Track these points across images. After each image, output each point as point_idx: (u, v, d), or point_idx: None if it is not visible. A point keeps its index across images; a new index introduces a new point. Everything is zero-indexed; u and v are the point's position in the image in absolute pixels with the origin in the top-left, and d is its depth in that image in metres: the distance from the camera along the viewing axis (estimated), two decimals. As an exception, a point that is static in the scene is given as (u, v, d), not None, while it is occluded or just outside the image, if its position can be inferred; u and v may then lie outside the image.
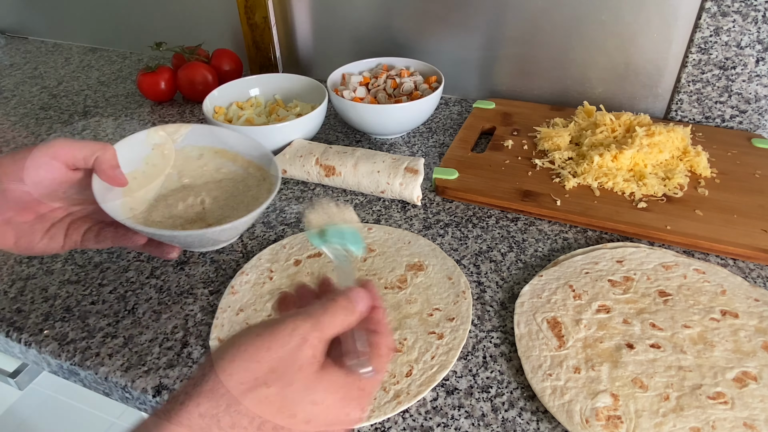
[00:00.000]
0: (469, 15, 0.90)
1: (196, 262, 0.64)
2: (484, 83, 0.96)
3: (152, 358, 0.53)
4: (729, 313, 0.53)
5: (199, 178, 0.64)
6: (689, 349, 0.49)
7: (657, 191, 0.68)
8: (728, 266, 0.60)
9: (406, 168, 0.70)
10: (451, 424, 0.46)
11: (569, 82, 0.90)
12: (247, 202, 0.61)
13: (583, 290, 0.56)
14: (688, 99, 0.83)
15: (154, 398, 0.50)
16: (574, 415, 0.44)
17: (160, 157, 0.61)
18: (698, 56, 0.79)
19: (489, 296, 0.58)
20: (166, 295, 0.60)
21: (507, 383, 0.49)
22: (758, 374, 0.47)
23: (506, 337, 0.53)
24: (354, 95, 0.85)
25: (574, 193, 0.70)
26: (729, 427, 0.43)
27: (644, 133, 0.72)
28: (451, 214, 0.69)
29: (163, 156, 0.61)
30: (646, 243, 0.63)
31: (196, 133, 0.63)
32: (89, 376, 0.53)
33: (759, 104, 0.80)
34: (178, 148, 0.62)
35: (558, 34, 0.86)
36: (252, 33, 1.03)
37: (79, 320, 0.57)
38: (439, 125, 0.90)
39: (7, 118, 0.98)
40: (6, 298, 0.60)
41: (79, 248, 0.53)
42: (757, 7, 0.73)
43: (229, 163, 0.64)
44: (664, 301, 0.54)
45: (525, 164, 0.76)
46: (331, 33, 1.02)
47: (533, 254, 0.63)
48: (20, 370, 0.68)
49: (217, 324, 0.55)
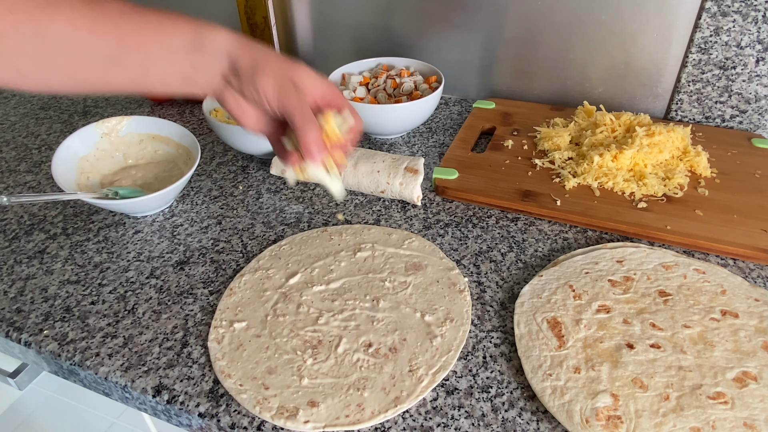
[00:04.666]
0: (469, 15, 0.90)
1: (196, 262, 0.64)
2: (484, 83, 0.96)
3: (152, 358, 0.53)
4: (729, 313, 0.53)
5: (141, 159, 0.79)
6: (689, 349, 0.49)
7: (657, 191, 0.68)
8: (728, 266, 0.60)
9: (406, 168, 0.70)
10: (451, 424, 0.46)
11: (569, 82, 0.90)
12: (177, 176, 0.74)
13: (583, 290, 0.56)
14: (688, 99, 0.83)
15: (154, 398, 0.50)
16: (574, 415, 0.44)
17: (108, 143, 0.77)
18: (698, 56, 0.79)
19: (489, 296, 0.58)
20: (166, 295, 0.60)
21: (507, 383, 0.49)
22: (758, 374, 0.47)
23: (506, 337, 0.53)
24: (354, 95, 0.85)
25: (574, 193, 0.70)
26: (729, 427, 0.43)
27: (644, 133, 0.72)
28: (451, 214, 0.69)
29: (110, 142, 0.77)
30: (646, 243, 0.63)
31: (137, 123, 0.78)
32: (89, 376, 0.53)
33: (759, 104, 0.80)
34: (123, 135, 0.78)
35: (558, 34, 0.86)
36: (252, 33, 1.03)
37: (79, 320, 0.57)
38: (439, 125, 0.90)
39: (7, 118, 0.98)
40: (6, 298, 0.60)
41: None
42: (757, 7, 0.73)
43: (164, 146, 0.79)
44: (664, 301, 0.54)
45: (525, 164, 0.76)
46: (331, 33, 1.02)
47: (533, 254, 0.63)
48: (20, 370, 0.68)
49: (217, 324, 0.55)
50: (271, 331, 0.54)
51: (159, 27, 0.46)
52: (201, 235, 0.68)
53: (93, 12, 0.44)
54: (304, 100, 0.49)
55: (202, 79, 0.49)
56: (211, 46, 0.48)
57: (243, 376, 0.49)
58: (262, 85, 0.48)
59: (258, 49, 0.49)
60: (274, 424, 0.46)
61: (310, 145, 0.48)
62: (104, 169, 0.77)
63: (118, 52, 0.45)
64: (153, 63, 0.47)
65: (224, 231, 0.69)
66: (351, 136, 0.53)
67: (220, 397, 0.49)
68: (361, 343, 0.52)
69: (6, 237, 0.69)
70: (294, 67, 0.50)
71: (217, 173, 0.80)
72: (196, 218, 0.71)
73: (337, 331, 0.53)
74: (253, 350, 0.52)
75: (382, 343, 0.52)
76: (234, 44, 0.48)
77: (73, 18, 0.43)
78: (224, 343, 0.53)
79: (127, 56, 0.46)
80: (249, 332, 0.54)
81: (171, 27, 0.47)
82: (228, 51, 0.48)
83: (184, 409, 0.48)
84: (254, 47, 0.49)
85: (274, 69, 0.48)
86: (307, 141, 0.48)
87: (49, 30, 0.42)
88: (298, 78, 0.49)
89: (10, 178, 0.81)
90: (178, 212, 0.72)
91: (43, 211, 0.74)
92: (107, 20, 0.44)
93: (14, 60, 0.42)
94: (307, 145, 0.48)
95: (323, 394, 0.48)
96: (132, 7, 0.46)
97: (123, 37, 0.45)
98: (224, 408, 0.48)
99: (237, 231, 0.68)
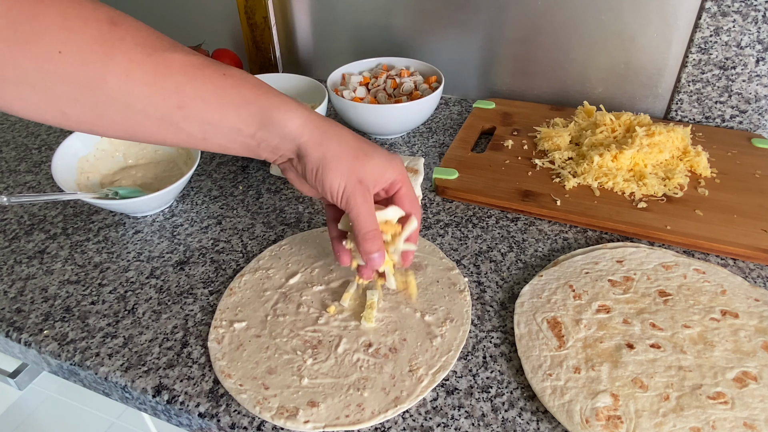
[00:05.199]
0: (469, 15, 0.90)
1: (196, 262, 0.64)
2: (484, 83, 0.96)
3: (152, 358, 0.53)
4: (729, 313, 0.53)
5: (141, 159, 0.79)
6: (689, 349, 0.49)
7: (657, 191, 0.68)
8: (728, 266, 0.60)
9: (406, 168, 0.70)
10: (451, 424, 0.46)
11: (569, 82, 0.90)
12: (177, 176, 0.75)
13: (583, 290, 0.56)
14: (688, 99, 0.83)
15: (154, 398, 0.50)
16: (574, 415, 0.44)
17: (108, 143, 0.78)
18: (698, 56, 0.79)
19: (489, 296, 0.58)
20: (166, 295, 0.60)
21: (507, 383, 0.49)
22: (758, 374, 0.47)
23: (506, 337, 0.53)
24: (354, 95, 0.85)
25: (574, 193, 0.70)
26: (729, 427, 0.43)
27: (644, 133, 0.72)
28: (451, 214, 0.69)
29: (110, 142, 0.78)
30: (646, 243, 0.63)
31: None
32: (89, 376, 0.53)
33: (759, 104, 0.80)
34: None
35: (558, 34, 0.86)
36: (252, 33, 1.03)
37: (79, 320, 0.57)
38: (439, 125, 0.90)
39: (7, 118, 0.98)
40: (6, 298, 0.60)
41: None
42: (757, 7, 0.73)
43: (164, 146, 0.77)
44: (664, 301, 0.54)
45: (525, 164, 0.76)
46: (331, 33, 1.02)
47: (533, 254, 0.63)
48: (20, 370, 0.68)
49: (217, 324, 0.55)
50: (271, 331, 0.54)
51: (224, 94, 0.42)
52: (201, 235, 0.68)
53: (152, 64, 0.39)
54: (369, 203, 0.47)
55: (266, 154, 0.47)
56: (279, 128, 0.44)
57: (243, 376, 0.49)
58: (329, 184, 0.46)
59: (328, 140, 0.46)
60: (274, 424, 0.46)
61: (370, 254, 0.48)
62: (104, 169, 0.77)
63: (177, 116, 0.41)
64: (214, 133, 0.43)
65: (224, 231, 0.69)
66: (411, 241, 0.52)
67: (220, 397, 0.49)
68: (361, 343, 0.52)
69: (6, 237, 0.69)
70: (364, 161, 0.47)
71: (217, 173, 0.80)
72: (196, 218, 0.71)
73: (337, 331, 0.53)
74: (253, 350, 0.52)
75: (382, 343, 0.52)
76: (305, 132, 0.45)
77: (130, 69, 0.38)
78: (224, 343, 0.53)
79: (186, 122, 0.42)
80: (249, 332, 0.54)
81: (238, 96, 0.43)
82: (296, 139, 0.45)
83: (184, 409, 0.48)
84: (325, 136, 0.46)
85: (342, 168, 0.46)
86: (367, 250, 0.48)
87: (102, 78, 0.37)
88: (368, 174, 0.47)
89: (10, 178, 0.81)
90: (178, 212, 0.72)
91: (43, 211, 0.74)
92: (168, 76, 0.40)
93: (61, 105, 0.38)
94: (367, 255, 0.48)
95: (323, 394, 0.48)
96: (195, 63, 0.41)
97: (183, 100, 0.41)
98: (224, 408, 0.48)
99: (237, 231, 0.68)
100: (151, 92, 0.39)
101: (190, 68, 0.41)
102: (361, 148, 0.47)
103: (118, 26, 0.38)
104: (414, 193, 0.52)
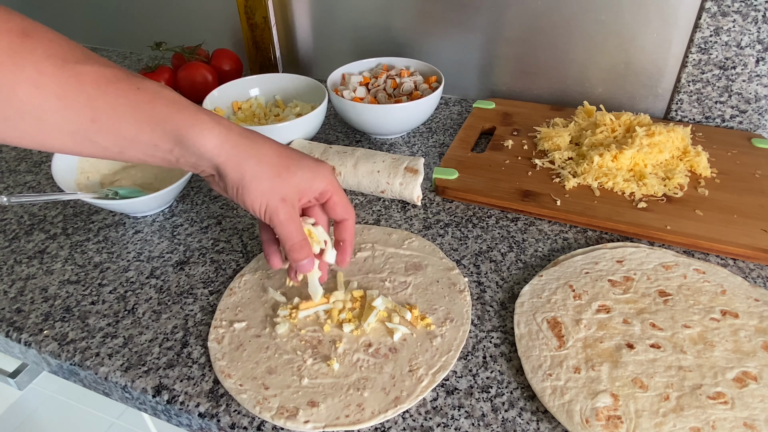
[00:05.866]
0: (469, 15, 0.90)
1: (196, 262, 0.64)
2: (484, 83, 0.96)
3: (152, 358, 0.53)
4: (729, 313, 0.53)
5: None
6: (689, 349, 0.49)
7: (657, 191, 0.68)
8: (728, 266, 0.60)
9: (406, 168, 0.70)
10: (451, 424, 0.46)
11: (569, 82, 0.90)
12: (177, 176, 0.73)
13: (583, 290, 0.56)
14: (688, 99, 0.83)
15: (154, 398, 0.50)
16: (574, 415, 0.44)
17: None
18: (698, 56, 0.79)
19: (489, 296, 0.58)
20: (166, 295, 0.60)
21: (507, 383, 0.49)
22: (758, 374, 0.47)
23: (506, 337, 0.53)
24: (354, 95, 0.85)
25: (574, 193, 0.70)
26: (729, 427, 0.43)
27: (644, 133, 0.72)
28: (451, 214, 0.69)
29: None
30: (646, 243, 0.63)
31: None
32: (89, 376, 0.53)
33: (759, 104, 0.80)
34: None
35: (558, 34, 0.86)
36: (252, 33, 1.03)
37: (79, 320, 0.57)
38: (439, 125, 0.90)
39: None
40: (6, 298, 0.60)
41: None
42: (757, 7, 0.73)
43: None
44: (664, 301, 0.54)
45: (525, 164, 0.76)
46: (331, 33, 1.02)
47: (533, 254, 0.63)
48: (20, 370, 0.68)
49: (217, 324, 0.55)
50: (271, 331, 0.54)
51: (138, 110, 0.41)
52: (201, 235, 0.68)
53: (64, 77, 0.38)
54: (292, 219, 0.48)
55: (187, 168, 0.46)
56: (194, 147, 0.43)
57: (243, 376, 0.49)
58: (250, 204, 0.46)
59: (247, 159, 0.45)
60: (274, 424, 0.46)
61: (298, 262, 0.50)
62: (104, 169, 0.77)
63: (91, 130, 0.40)
64: (131, 148, 0.42)
65: (224, 231, 0.69)
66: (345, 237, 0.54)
67: (220, 397, 0.49)
68: (361, 343, 0.52)
69: (6, 237, 0.69)
70: (287, 177, 0.47)
71: (217, 173, 0.80)
72: (196, 218, 0.71)
73: (337, 331, 0.53)
74: (253, 350, 0.52)
75: (382, 343, 0.52)
76: (221, 152, 0.44)
77: (40, 82, 0.37)
78: (224, 343, 0.53)
79: (101, 136, 0.41)
80: (249, 332, 0.54)
81: (152, 112, 0.41)
82: (212, 159, 0.44)
83: (184, 409, 0.48)
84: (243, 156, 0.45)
85: (262, 188, 0.46)
86: (296, 259, 0.50)
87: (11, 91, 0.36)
88: (292, 190, 0.47)
89: (10, 178, 0.81)
90: (178, 212, 0.72)
91: (43, 211, 0.74)
92: (79, 90, 0.38)
93: None
94: (296, 263, 0.50)
95: (323, 394, 0.48)
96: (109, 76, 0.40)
97: (96, 114, 0.39)
98: (224, 408, 0.48)
99: (237, 231, 0.68)
100: (63, 105, 0.38)
101: (102, 81, 0.39)
102: (283, 164, 0.47)
103: (29, 37, 0.37)
104: (346, 199, 0.52)
